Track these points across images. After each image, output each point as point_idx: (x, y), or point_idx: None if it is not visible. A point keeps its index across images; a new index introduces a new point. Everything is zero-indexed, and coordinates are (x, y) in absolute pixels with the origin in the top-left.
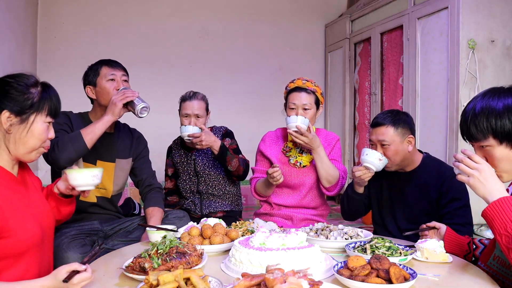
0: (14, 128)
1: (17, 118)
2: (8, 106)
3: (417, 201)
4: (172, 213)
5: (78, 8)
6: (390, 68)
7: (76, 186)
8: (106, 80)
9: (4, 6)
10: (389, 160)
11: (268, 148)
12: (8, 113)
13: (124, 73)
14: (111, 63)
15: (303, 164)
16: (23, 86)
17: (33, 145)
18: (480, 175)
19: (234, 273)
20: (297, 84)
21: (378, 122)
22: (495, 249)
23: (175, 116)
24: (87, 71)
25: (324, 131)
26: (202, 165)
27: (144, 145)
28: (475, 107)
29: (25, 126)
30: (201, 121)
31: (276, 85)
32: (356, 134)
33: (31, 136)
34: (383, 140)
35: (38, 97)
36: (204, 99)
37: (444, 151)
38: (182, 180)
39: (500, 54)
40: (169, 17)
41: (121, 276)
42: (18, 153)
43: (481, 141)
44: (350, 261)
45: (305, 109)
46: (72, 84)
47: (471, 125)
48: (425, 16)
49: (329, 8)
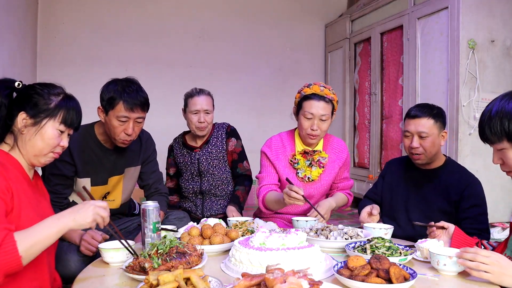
0: (27, 129)
1: (31, 120)
2: (27, 108)
3: (436, 199)
4: (173, 214)
5: (78, 8)
6: (390, 68)
7: (110, 263)
8: (117, 119)
9: (4, 6)
10: (425, 151)
11: (275, 157)
12: (25, 114)
13: (140, 115)
14: (129, 102)
15: (312, 178)
16: (46, 92)
17: (41, 149)
18: (500, 268)
19: (234, 273)
20: (314, 90)
21: (418, 114)
22: (506, 249)
23: (175, 116)
24: (105, 91)
25: (334, 138)
26: (206, 165)
27: (152, 148)
28: (491, 109)
29: (36, 128)
30: (210, 116)
31: (276, 85)
32: (356, 134)
33: (39, 139)
34: (422, 132)
35: (54, 104)
36: (210, 94)
37: (444, 151)
38: (185, 180)
39: (500, 54)
40: (169, 17)
41: (121, 276)
42: (27, 155)
43: (496, 144)
44: (350, 261)
45: (322, 119)
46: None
47: (486, 127)
48: (425, 16)
49: (329, 8)
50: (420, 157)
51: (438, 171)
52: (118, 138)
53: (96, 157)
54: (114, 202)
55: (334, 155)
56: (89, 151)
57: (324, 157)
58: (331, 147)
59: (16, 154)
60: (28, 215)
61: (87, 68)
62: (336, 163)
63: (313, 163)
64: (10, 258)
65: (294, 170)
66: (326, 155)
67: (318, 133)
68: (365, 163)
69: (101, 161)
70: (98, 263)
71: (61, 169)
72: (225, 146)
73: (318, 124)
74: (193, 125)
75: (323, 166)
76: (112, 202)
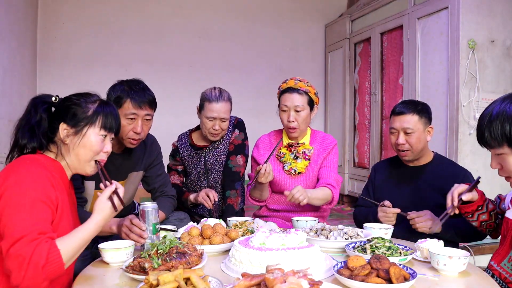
0: (69, 139)
1: (72, 130)
2: (66, 119)
3: (430, 194)
4: (173, 214)
5: (78, 8)
6: (390, 68)
7: (110, 263)
8: (126, 117)
9: (4, 6)
10: (411, 147)
11: (261, 155)
12: (65, 125)
13: (148, 113)
14: (137, 99)
15: (298, 171)
16: (83, 101)
17: (85, 156)
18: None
19: (234, 273)
20: (289, 84)
21: (402, 111)
22: (511, 251)
23: (175, 116)
24: (111, 92)
25: (321, 133)
26: (213, 161)
27: (157, 152)
28: (491, 113)
29: (79, 137)
30: (226, 124)
31: (276, 85)
32: (356, 134)
33: (82, 147)
34: (407, 128)
35: (92, 111)
36: (229, 99)
37: (444, 151)
38: (191, 180)
39: (500, 54)
40: (169, 17)
41: (121, 276)
42: (73, 164)
43: (495, 148)
44: (350, 261)
45: (297, 110)
46: (72, 84)
47: (486, 131)
48: (425, 16)
49: (329, 8)
50: (407, 153)
51: (427, 167)
52: (127, 138)
53: None
54: None
55: (320, 147)
56: None
57: (309, 149)
58: (317, 141)
59: (61, 161)
60: (66, 221)
61: (87, 68)
62: (321, 155)
63: (298, 155)
64: (56, 266)
65: (281, 164)
66: (311, 147)
67: (296, 125)
68: (365, 163)
69: (105, 164)
70: (98, 263)
71: None
72: (230, 139)
73: (294, 116)
74: (206, 130)
75: (308, 158)
76: None
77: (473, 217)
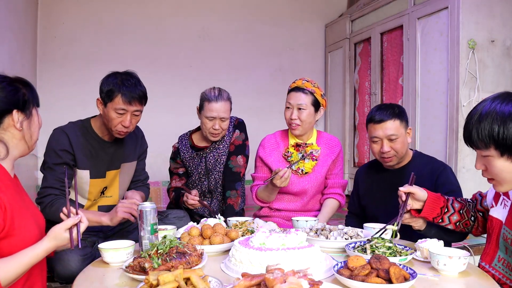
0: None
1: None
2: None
3: None
4: (172, 213)
5: (78, 8)
6: (390, 68)
7: (110, 263)
8: (115, 111)
9: (4, 6)
10: (396, 153)
11: (268, 155)
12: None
13: (138, 109)
14: (128, 95)
15: (305, 171)
16: None
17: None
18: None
19: (234, 273)
20: (297, 84)
21: (382, 118)
22: (499, 250)
23: (175, 116)
24: (104, 84)
25: (326, 134)
26: (213, 162)
27: (146, 147)
28: (481, 112)
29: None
30: (226, 123)
31: (276, 85)
32: (356, 134)
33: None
34: (392, 135)
35: None
36: (229, 98)
37: (444, 151)
38: (192, 181)
39: (500, 54)
40: (169, 17)
41: (121, 276)
42: (30, 142)
43: (482, 150)
44: (350, 261)
45: (299, 109)
46: (72, 84)
47: (474, 130)
48: (425, 16)
49: (329, 8)
50: (392, 159)
51: (408, 167)
52: (115, 129)
53: (93, 149)
54: (112, 198)
55: (327, 149)
56: (86, 144)
57: (316, 149)
58: (324, 142)
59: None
60: (21, 217)
61: (87, 68)
62: (329, 157)
63: (306, 156)
64: None
65: (288, 164)
66: (319, 148)
67: (298, 122)
68: (365, 163)
69: (98, 153)
70: (98, 263)
71: (62, 157)
72: (230, 140)
73: (297, 114)
74: (206, 130)
75: (316, 158)
76: (110, 198)
77: (444, 221)
